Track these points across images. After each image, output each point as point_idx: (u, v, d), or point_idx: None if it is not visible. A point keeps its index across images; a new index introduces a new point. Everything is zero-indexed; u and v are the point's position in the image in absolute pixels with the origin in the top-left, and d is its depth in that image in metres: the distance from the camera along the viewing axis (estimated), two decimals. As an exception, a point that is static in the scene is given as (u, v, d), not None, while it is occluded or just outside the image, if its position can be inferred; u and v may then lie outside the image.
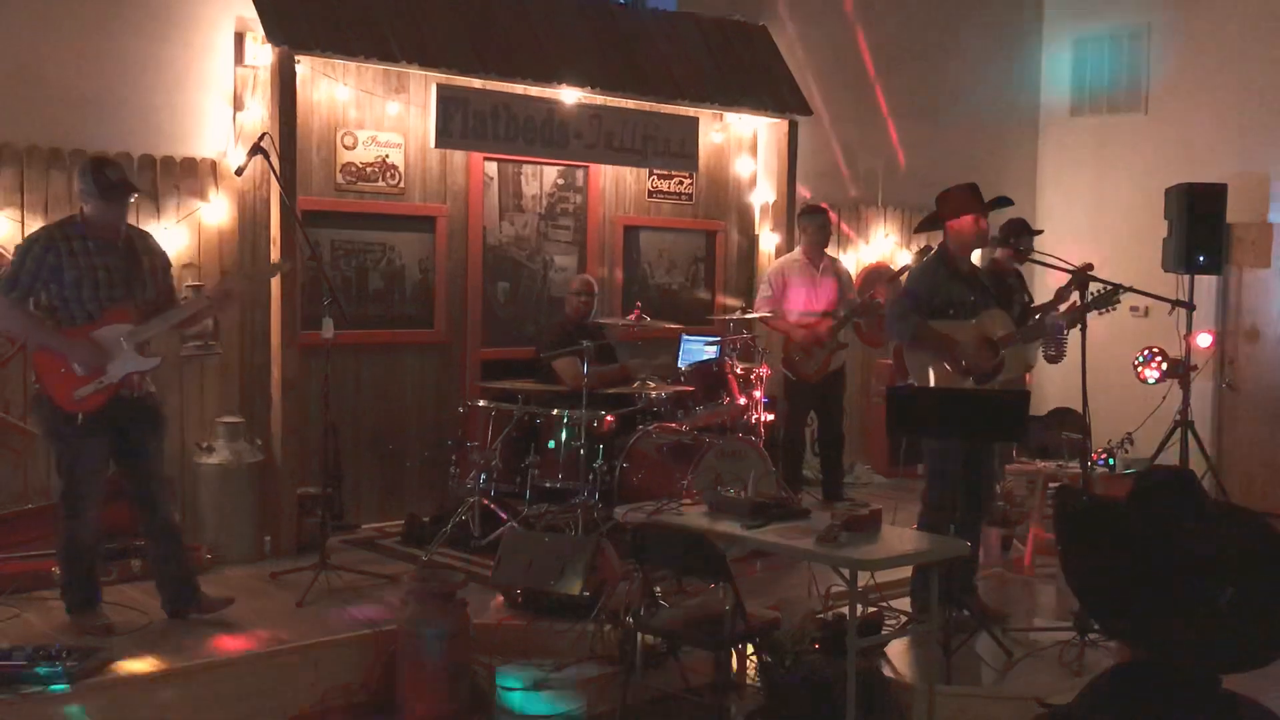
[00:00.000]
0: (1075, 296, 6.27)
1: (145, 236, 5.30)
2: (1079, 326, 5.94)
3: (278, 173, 6.13)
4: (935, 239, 6.23)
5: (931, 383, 5.66)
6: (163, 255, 5.31)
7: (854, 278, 9.12)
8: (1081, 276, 5.93)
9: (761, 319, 7.70)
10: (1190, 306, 7.67)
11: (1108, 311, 6.18)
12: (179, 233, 6.46)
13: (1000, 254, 7.33)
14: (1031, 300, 7.66)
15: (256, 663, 4.87)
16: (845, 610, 4.65)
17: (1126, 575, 2.06)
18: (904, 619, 5.52)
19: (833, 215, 8.50)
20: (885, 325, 6.44)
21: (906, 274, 6.77)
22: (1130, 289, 6.54)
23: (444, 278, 7.47)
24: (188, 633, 5.15)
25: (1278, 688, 4.57)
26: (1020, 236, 7.98)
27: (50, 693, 4.36)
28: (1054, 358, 8.11)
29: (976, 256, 6.69)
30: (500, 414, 6.57)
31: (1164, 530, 2.08)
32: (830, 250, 8.08)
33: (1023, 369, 5.86)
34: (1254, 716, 2.33)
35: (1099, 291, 5.93)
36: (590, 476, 6.34)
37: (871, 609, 5.44)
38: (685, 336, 7.79)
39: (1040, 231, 8.16)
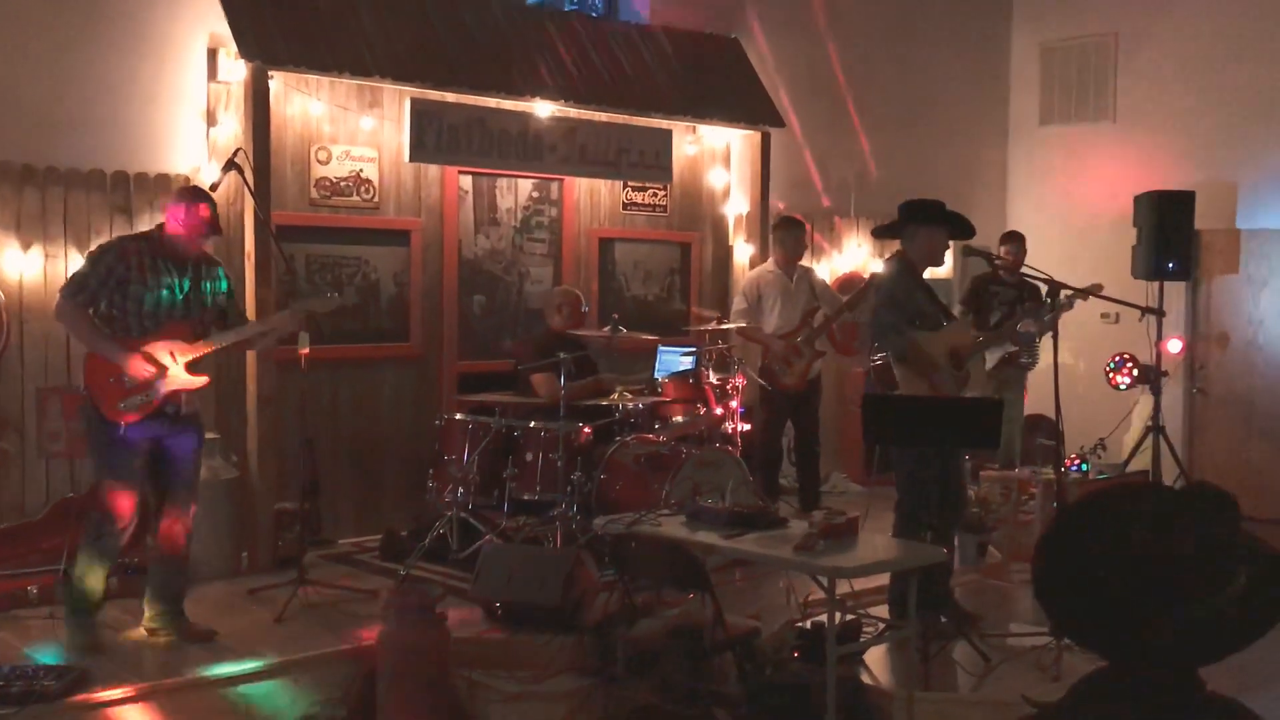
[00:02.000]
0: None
1: (214, 264, 5.39)
2: (1051, 334, 6.03)
3: (252, 188, 6.11)
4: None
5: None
6: (226, 281, 5.42)
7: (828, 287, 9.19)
8: (1055, 285, 6.01)
9: (738, 331, 7.72)
10: (1160, 313, 7.75)
11: (1060, 316, 6.39)
12: (153, 249, 6.44)
13: (1003, 252, 7.89)
14: (1020, 307, 7.76)
15: (235, 680, 4.86)
16: (824, 618, 4.68)
17: (1114, 579, 2.09)
18: (882, 626, 5.55)
19: (806, 225, 8.53)
20: (872, 337, 6.47)
21: (876, 281, 6.82)
22: (1100, 295, 6.64)
23: (419, 291, 7.46)
24: (166, 651, 5.14)
25: (1265, 687, 4.63)
26: (1016, 244, 8.31)
27: (27, 712, 4.33)
28: (1026, 365, 8.22)
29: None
30: (478, 427, 6.57)
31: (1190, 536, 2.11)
32: (804, 260, 8.10)
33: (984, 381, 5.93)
34: (1235, 717, 2.36)
35: (1050, 303, 6.08)
36: (568, 488, 6.35)
37: (850, 616, 5.46)
38: (661, 347, 7.80)
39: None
